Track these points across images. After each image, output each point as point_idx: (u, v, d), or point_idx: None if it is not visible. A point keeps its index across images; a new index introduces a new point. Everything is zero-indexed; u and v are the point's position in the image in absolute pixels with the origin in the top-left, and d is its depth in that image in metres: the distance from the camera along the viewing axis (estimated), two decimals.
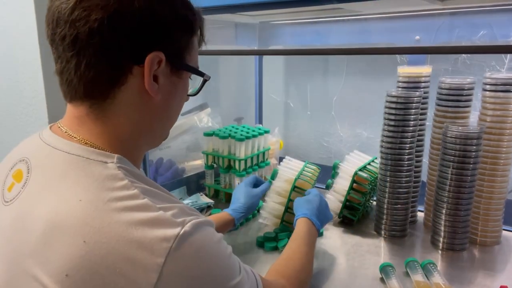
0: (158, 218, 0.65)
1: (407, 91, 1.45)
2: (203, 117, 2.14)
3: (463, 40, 1.59)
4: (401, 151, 1.42)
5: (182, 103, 0.87)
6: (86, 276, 0.61)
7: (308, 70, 2.24)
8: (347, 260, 1.34)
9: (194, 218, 0.68)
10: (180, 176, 2.01)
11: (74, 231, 0.63)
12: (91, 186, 0.67)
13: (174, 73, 0.79)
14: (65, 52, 0.72)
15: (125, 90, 0.74)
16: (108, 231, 0.62)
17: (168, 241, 0.63)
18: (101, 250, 0.61)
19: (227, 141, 1.81)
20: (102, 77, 0.72)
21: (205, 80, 0.88)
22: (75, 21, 0.69)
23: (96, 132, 0.75)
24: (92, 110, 0.75)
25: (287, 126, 2.39)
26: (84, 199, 0.65)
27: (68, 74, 0.73)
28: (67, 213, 0.64)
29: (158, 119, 0.81)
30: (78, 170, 0.69)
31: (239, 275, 0.74)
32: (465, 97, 1.40)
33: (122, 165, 0.71)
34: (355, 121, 2.11)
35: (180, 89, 0.82)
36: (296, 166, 1.63)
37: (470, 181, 1.33)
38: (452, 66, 1.72)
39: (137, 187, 0.68)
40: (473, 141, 1.30)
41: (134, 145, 0.79)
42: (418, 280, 1.16)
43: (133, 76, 0.74)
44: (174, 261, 0.63)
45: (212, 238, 0.71)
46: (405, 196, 1.46)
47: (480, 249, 1.40)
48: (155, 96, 0.76)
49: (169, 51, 0.75)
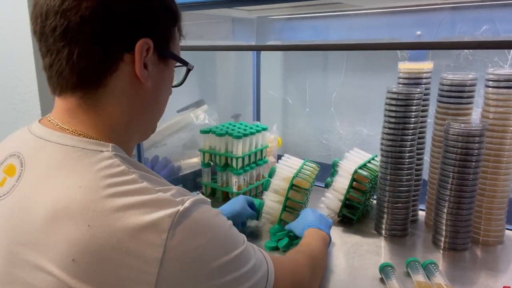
0: (158, 198, 0.68)
1: (408, 88, 1.44)
2: (199, 114, 2.14)
3: (465, 35, 1.59)
4: (402, 149, 1.42)
5: (169, 93, 0.90)
6: (93, 259, 0.63)
7: (307, 66, 2.23)
8: (346, 260, 1.34)
9: (192, 197, 0.72)
10: (176, 174, 2.00)
11: (76, 216, 0.65)
12: (89, 173, 0.69)
13: (161, 61, 0.82)
14: (56, 43, 0.74)
15: (117, 77, 0.77)
16: (110, 215, 0.65)
17: (170, 217, 0.66)
18: (105, 232, 0.64)
19: (224, 138, 1.80)
20: (94, 65, 0.75)
21: (189, 69, 0.91)
22: (66, 10, 0.71)
23: (89, 123, 0.77)
24: (84, 101, 0.77)
25: (285, 123, 2.39)
26: (84, 186, 0.67)
27: (59, 65, 0.74)
28: (67, 199, 0.66)
29: (148, 107, 0.84)
30: (74, 160, 0.71)
31: (242, 245, 0.77)
32: (467, 94, 1.40)
33: (117, 153, 0.73)
34: (354, 118, 2.11)
35: (167, 77, 0.86)
36: (295, 164, 1.63)
37: (472, 179, 1.32)
38: (454, 62, 1.72)
39: (134, 173, 0.71)
40: (475, 139, 1.29)
41: (126, 134, 0.82)
42: (419, 280, 1.16)
43: (124, 64, 0.76)
44: (177, 234, 0.66)
45: (210, 211, 0.75)
46: (406, 195, 1.46)
47: (482, 249, 1.40)
48: (145, 83, 0.79)
49: (156, 38, 0.78)
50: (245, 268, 0.76)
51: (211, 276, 0.70)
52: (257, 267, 0.80)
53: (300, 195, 1.53)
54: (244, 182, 1.81)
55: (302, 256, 1.07)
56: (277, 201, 1.54)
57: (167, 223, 0.66)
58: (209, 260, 0.70)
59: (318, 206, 1.63)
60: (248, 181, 1.83)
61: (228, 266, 0.73)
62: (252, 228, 1.57)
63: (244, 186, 1.81)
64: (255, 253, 0.81)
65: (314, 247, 1.19)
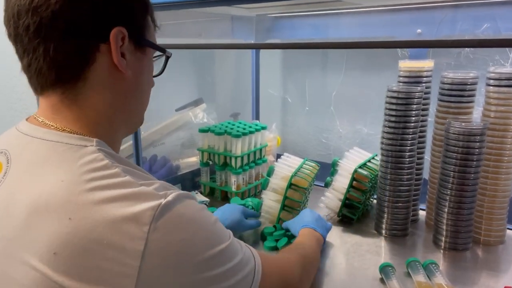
0: (141, 192, 0.68)
1: (408, 86, 1.44)
2: (198, 112, 2.14)
3: (466, 34, 1.59)
4: (402, 148, 1.42)
5: (150, 83, 0.90)
6: (75, 252, 0.63)
7: (307, 65, 2.23)
8: (346, 260, 1.34)
9: (176, 191, 0.72)
10: (174, 173, 2.00)
11: (58, 209, 0.65)
12: (72, 168, 0.70)
13: (138, 49, 0.82)
14: (31, 42, 0.74)
15: (95, 69, 0.77)
16: (92, 208, 0.65)
17: (152, 209, 0.66)
18: (86, 225, 0.64)
19: (223, 137, 1.80)
20: (71, 59, 0.75)
21: (168, 57, 0.92)
22: (37, 7, 0.72)
23: (72, 118, 0.78)
24: (65, 96, 0.78)
25: (285, 122, 2.39)
26: (66, 180, 0.68)
27: (37, 63, 0.75)
28: (49, 194, 0.67)
29: (131, 97, 0.84)
30: (58, 155, 0.72)
31: (228, 240, 0.77)
32: (468, 92, 1.40)
33: (101, 148, 0.74)
34: (354, 117, 2.11)
35: (146, 65, 0.86)
36: (294, 163, 1.63)
37: (473, 178, 1.32)
38: (454, 60, 1.72)
39: (117, 167, 0.71)
40: (476, 138, 1.29)
41: (111, 128, 0.82)
42: (419, 280, 1.16)
43: (101, 54, 0.77)
44: (159, 228, 0.66)
45: (194, 206, 0.74)
46: (406, 194, 1.46)
47: (483, 249, 1.40)
48: (125, 72, 0.79)
49: (130, 27, 0.79)
50: (230, 263, 0.76)
51: (195, 271, 0.70)
52: (244, 263, 0.80)
53: (298, 194, 1.53)
54: (243, 182, 1.81)
55: (293, 255, 1.06)
56: (276, 200, 1.54)
57: (149, 216, 0.66)
58: (192, 254, 0.70)
59: (317, 205, 1.63)
60: (247, 181, 1.83)
61: (213, 260, 0.73)
62: None
63: (243, 185, 1.81)
64: (241, 249, 0.81)
65: (307, 246, 1.19)
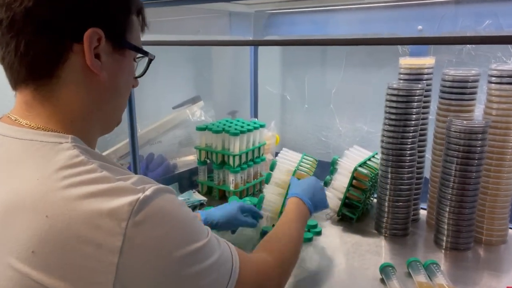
0: (118, 187, 0.68)
1: (409, 84, 1.44)
2: (195, 110, 2.14)
3: (467, 30, 1.58)
4: (402, 146, 1.42)
5: (129, 84, 0.89)
6: (53, 249, 0.64)
7: (306, 62, 2.23)
8: (346, 260, 1.34)
9: (154, 185, 0.72)
10: (171, 172, 2.00)
11: (35, 207, 0.66)
12: (47, 165, 0.69)
13: (116, 51, 0.81)
14: (4, 36, 0.74)
15: (68, 68, 0.76)
16: (68, 204, 0.65)
17: (130, 205, 0.66)
18: (63, 222, 0.64)
19: (220, 135, 1.80)
20: (42, 56, 0.75)
21: (150, 59, 0.91)
22: (11, 3, 0.72)
23: (46, 115, 0.77)
24: (38, 92, 0.77)
25: (283, 120, 2.39)
26: (42, 177, 0.68)
27: (9, 57, 0.75)
28: (25, 192, 0.67)
29: (107, 99, 0.84)
30: (33, 154, 0.72)
31: (206, 237, 0.77)
32: (470, 90, 1.40)
33: (77, 144, 0.74)
34: (354, 114, 2.11)
35: (124, 67, 0.85)
36: (294, 158, 1.64)
37: (475, 177, 1.32)
38: (456, 57, 1.71)
39: (94, 163, 0.71)
40: (478, 136, 1.29)
41: (86, 126, 0.81)
42: (420, 281, 1.16)
43: (74, 54, 0.76)
44: (137, 223, 0.66)
45: (173, 201, 0.74)
46: (407, 194, 1.46)
47: (485, 249, 1.40)
48: (99, 73, 0.78)
49: (108, 28, 0.78)
50: (208, 261, 0.76)
51: (172, 267, 0.70)
52: (221, 262, 0.80)
53: None
54: (241, 180, 1.81)
55: (272, 256, 1.02)
56: (278, 194, 1.55)
57: (126, 211, 0.66)
58: (170, 250, 0.70)
59: None
60: (245, 179, 1.83)
61: (190, 257, 0.73)
62: None
63: (241, 184, 1.81)
64: (220, 247, 0.81)
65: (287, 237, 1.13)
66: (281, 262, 1.03)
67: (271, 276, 0.98)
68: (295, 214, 1.22)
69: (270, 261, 0.99)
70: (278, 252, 1.04)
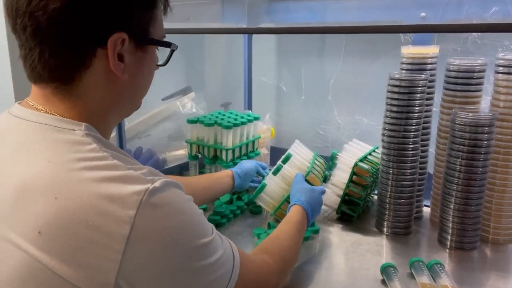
0: (128, 175, 0.73)
1: (411, 74, 1.44)
2: (186, 102, 2.13)
3: (473, 17, 1.58)
4: (405, 140, 1.41)
5: (151, 75, 0.94)
6: (59, 232, 0.68)
7: (303, 51, 2.23)
8: (345, 260, 1.34)
9: (163, 178, 0.77)
10: (161, 167, 2.00)
11: (44, 189, 0.70)
12: (59, 149, 0.75)
13: (139, 49, 0.86)
14: (28, 41, 0.79)
15: (91, 72, 0.81)
16: (78, 187, 0.70)
17: (139, 194, 0.71)
18: (72, 205, 0.69)
19: (212, 129, 1.79)
20: (66, 63, 0.80)
21: (173, 50, 0.95)
22: (34, 11, 0.75)
23: (64, 108, 0.82)
24: (58, 91, 0.82)
25: (279, 113, 2.39)
26: (53, 161, 0.73)
27: (32, 61, 0.80)
28: (37, 174, 0.72)
29: (126, 95, 0.89)
30: (46, 137, 0.77)
31: (211, 234, 0.82)
32: (476, 80, 1.39)
33: (90, 132, 0.79)
34: (354, 106, 2.10)
35: (146, 64, 0.89)
36: (306, 155, 1.64)
37: (481, 173, 1.32)
38: (461, 46, 1.71)
39: (105, 151, 0.76)
40: (484, 129, 1.29)
41: (103, 119, 0.86)
42: (423, 282, 1.16)
43: (97, 59, 0.80)
44: (146, 213, 0.71)
45: (181, 196, 0.79)
46: (409, 190, 1.45)
47: (492, 248, 1.40)
48: (121, 76, 0.83)
49: (131, 29, 0.82)
50: (211, 259, 0.80)
51: (177, 260, 0.74)
52: (223, 260, 0.83)
53: None
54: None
55: (274, 259, 1.06)
56: (282, 188, 1.55)
57: (135, 200, 0.70)
58: (177, 243, 0.74)
59: None
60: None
61: (195, 252, 0.77)
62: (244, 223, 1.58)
63: None
64: (222, 245, 0.85)
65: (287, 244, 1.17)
66: (281, 267, 1.08)
67: (270, 280, 1.02)
68: (299, 223, 1.27)
69: (270, 263, 1.04)
70: (278, 256, 1.08)
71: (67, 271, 0.68)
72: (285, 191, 1.53)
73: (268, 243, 1.14)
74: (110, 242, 0.68)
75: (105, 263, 0.68)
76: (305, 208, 1.32)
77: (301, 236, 1.25)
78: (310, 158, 1.63)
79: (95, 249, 0.68)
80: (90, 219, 0.68)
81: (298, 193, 1.38)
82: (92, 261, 0.68)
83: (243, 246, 1.35)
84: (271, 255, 1.06)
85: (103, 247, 0.68)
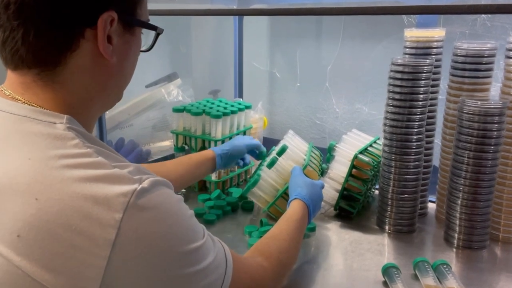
0: (114, 174, 0.72)
1: (415, 59, 1.44)
2: (172, 89, 2.14)
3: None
4: (408, 130, 1.41)
5: (136, 61, 0.93)
6: (39, 235, 0.67)
7: (298, 34, 2.23)
8: (344, 260, 1.34)
9: (152, 177, 0.75)
10: (144, 160, 2.01)
11: (24, 189, 0.69)
12: (39, 145, 0.73)
13: (127, 31, 0.85)
14: (9, 21, 0.76)
15: (77, 55, 0.80)
16: (60, 187, 0.69)
17: (125, 195, 0.70)
18: (53, 207, 0.67)
19: (200, 118, 1.78)
20: (52, 45, 0.78)
21: (158, 33, 0.95)
22: None
23: (44, 97, 0.80)
24: (40, 77, 0.80)
25: (272, 101, 2.39)
26: (33, 158, 0.72)
27: (14, 43, 0.78)
28: (15, 172, 0.71)
29: (113, 82, 0.88)
30: (25, 132, 0.76)
31: (202, 238, 0.81)
32: (485, 66, 1.39)
33: (72, 126, 0.77)
34: (353, 94, 2.11)
35: (134, 46, 0.89)
36: (301, 147, 1.64)
37: (491, 166, 1.32)
38: (469, 28, 1.72)
39: (89, 147, 0.75)
40: (494, 118, 1.29)
41: (86, 109, 0.85)
42: (428, 284, 1.16)
43: (85, 40, 0.80)
44: (133, 216, 0.69)
45: (171, 196, 0.78)
46: (413, 184, 1.45)
47: (502, 247, 1.40)
48: (110, 59, 0.83)
49: (121, 8, 0.81)
50: (202, 264, 0.79)
51: (167, 267, 0.73)
52: (215, 266, 0.83)
53: None
54: (224, 170, 1.79)
55: (269, 262, 1.05)
56: (276, 182, 1.55)
57: (122, 202, 0.69)
58: (166, 249, 0.73)
59: None
60: (229, 169, 1.81)
61: (185, 258, 0.76)
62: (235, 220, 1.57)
63: (224, 173, 1.81)
64: (214, 248, 0.84)
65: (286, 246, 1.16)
66: (278, 271, 1.08)
67: (265, 284, 1.02)
68: (300, 221, 1.25)
69: (267, 267, 1.03)
70: (275, 259, 1.08)
71: (48, 277, 0.67)
72: (279, 186, 1.53)
73: (265, 243, 1.13)
74: (94, 248, 0.67)
75: (89, 269, 0.67)
76: (307, 204, 1.31)
77: (301, 236, 1.24)
78: (305, 150, 1.63)
79: (78, 254, 0.67)
80: (72, 222, 0.67)
81: (298, 188, 1.36)
82: (74, 267, 0.67)
83: (234, 245, 1.35)
84: (267, 257, 1.05)
85: (86, 253, 0.67)
